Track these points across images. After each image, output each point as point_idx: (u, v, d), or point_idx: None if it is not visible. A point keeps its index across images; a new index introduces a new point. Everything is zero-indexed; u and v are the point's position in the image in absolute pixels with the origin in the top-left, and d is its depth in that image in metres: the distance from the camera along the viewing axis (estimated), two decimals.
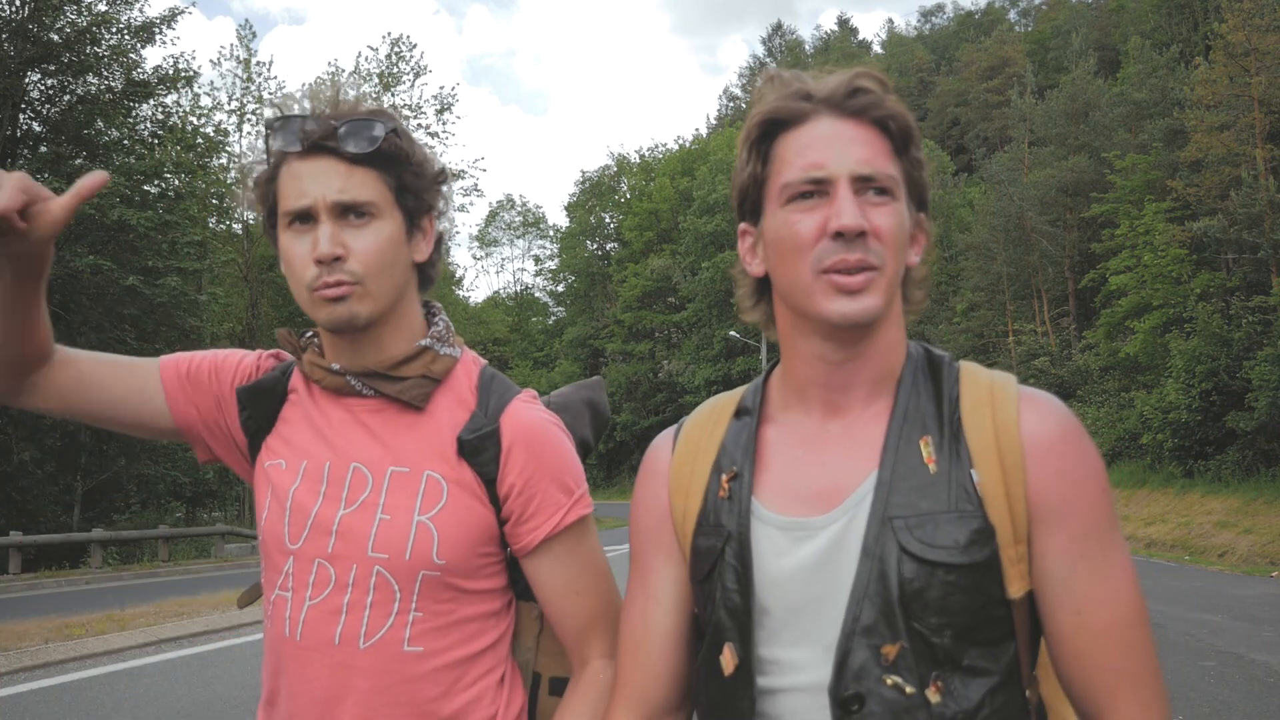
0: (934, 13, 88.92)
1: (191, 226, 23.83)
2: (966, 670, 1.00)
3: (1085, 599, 1.01)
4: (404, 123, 1.31)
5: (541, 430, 1.30)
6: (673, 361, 55.76)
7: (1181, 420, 25.34)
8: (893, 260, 1.05)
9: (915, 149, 1.10)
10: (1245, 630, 10.41)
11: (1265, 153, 26.68)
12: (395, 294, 1.29)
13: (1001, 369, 1.10)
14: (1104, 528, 1.02)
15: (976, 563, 1.00)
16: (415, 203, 1.30)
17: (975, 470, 1.02)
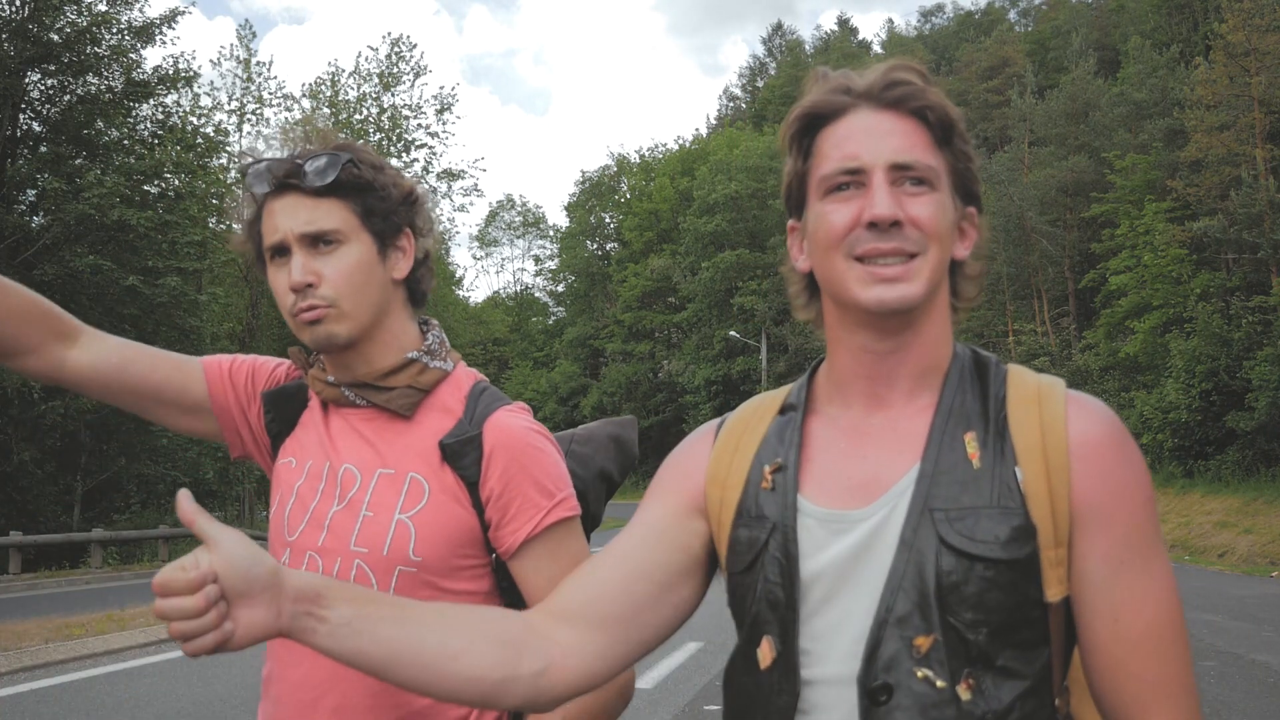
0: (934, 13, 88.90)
1: (191, 226, 23.83)
2: (999, 671, 0.99)
3: (1123, 606, 1.00)
4: (372, 151, 1.41)
5: (521, 436, 1.36)
6: (673, 361, 55.74)
7: (1181, 420, 25.36)
8: (935, 249, 1.05)
9: (960, 141, 1.09)
10: (1245, 630, 10.41)
11: (1265, 153, 26.69)
12: (373, 311, 1.38)
13: None
14: (1146, 534, 1.01)
15: (1016, 559, 0.99)
16: (384, 224, 1.39)
17: (1019, 468, 1.01)
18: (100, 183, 20.73)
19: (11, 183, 22.19)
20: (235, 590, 0.95)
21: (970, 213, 1.12)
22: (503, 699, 1.08)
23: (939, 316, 1.10)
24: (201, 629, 0.93)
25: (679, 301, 55.78)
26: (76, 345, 1.44)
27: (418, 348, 1.43)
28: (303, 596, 0.98)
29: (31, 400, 19.32)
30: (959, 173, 1.09)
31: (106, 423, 21.90)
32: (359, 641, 1.00)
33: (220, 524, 0.98)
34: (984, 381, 1.08)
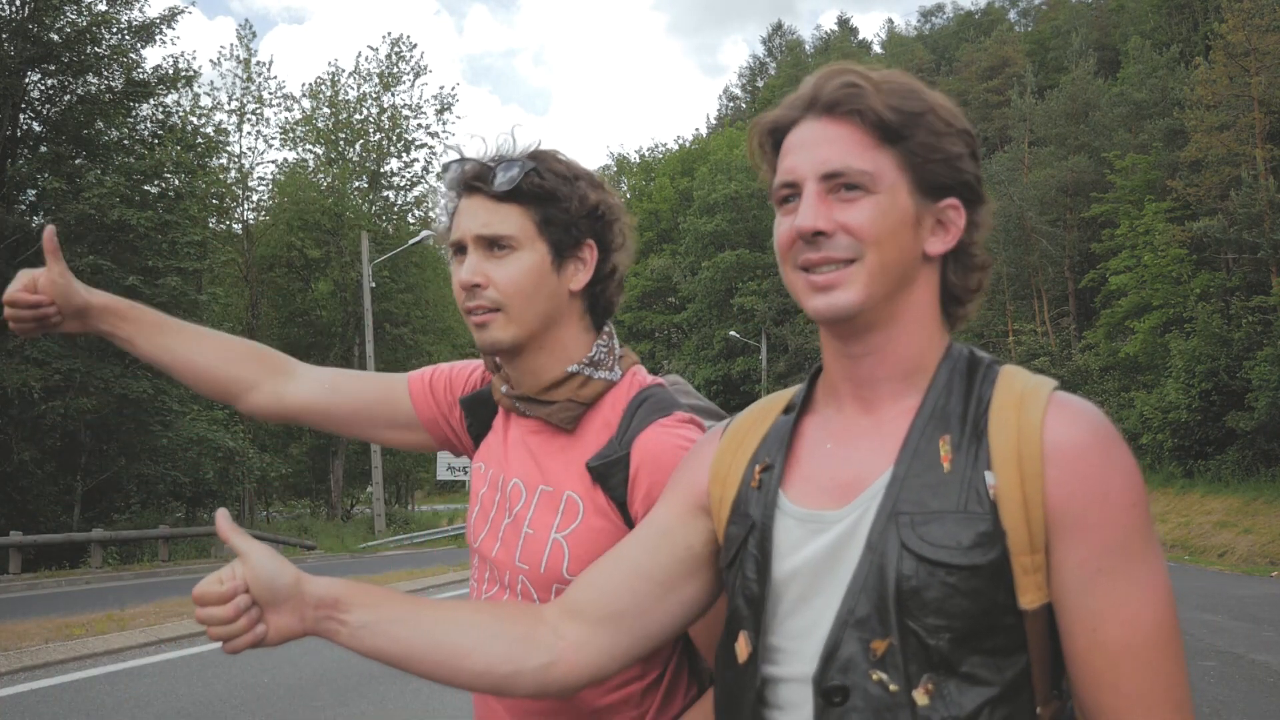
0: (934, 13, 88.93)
1: (191, 226, 23.84)
2: (964, 677, 0.97)
3: (1101, 615, 0.96)
4: (572, 163, 1.44)
5: (669, 455, 1.33)
6: (673, 361, 55.74)
7: (1181, 420, 25.37)
8: (874, 253, 1.04)
9: (925, 134, 1.05)
10: (1245, 630, 10.41)
11: (1265, 153, 26.69)
12: (541, 320, 1.39)
13: None
14: (1130, 542, 0.97)
15: (978, 566, 0.97)
16: (562, 235, 1.39)
17: (992, 473, 0.99)
18: (100, 183, 20.74)
19: (11, 183, 22.19)
20: (263, 599, 1.09)
21: (944, 206, 1.07)
22: (513, 690, 1.16)
23: (913, 317, 1.08)
24: (234, 633, 1.08)
25: (679, 301, 55.81)
26: (293, 379, 1.59)
27: (583, 359, 1.43)
28: (323, 603, 1.10)
29: (31, 400, 19.32)
30: (918, 167, 1.05)
31: (106, 423, 21.90)
32: (376, 642, 1.11)
33: (252, 539, 1.11)
34: (972, 383, 1.06)
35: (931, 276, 1.09)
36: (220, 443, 24.15)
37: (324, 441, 37.10)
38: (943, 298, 1.10)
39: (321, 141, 38.70)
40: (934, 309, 1.09)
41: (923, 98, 1.07)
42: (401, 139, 39.26)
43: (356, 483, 39.68)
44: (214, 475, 25.52)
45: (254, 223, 36.58)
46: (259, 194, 37.88)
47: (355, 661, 8.93)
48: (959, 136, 1.08)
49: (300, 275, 36.56)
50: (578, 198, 1.40)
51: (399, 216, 39.85)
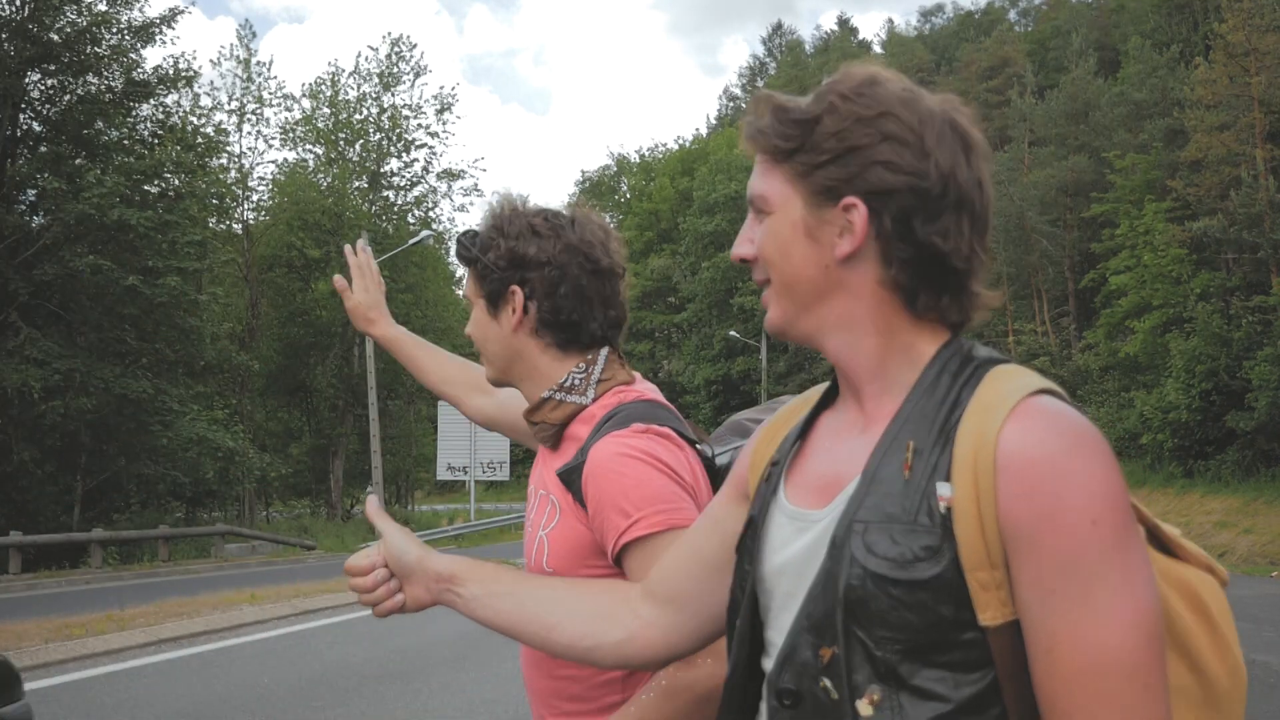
0: (934, 13, 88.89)
1: (191, 226, 23.83)
2: (916, 691, 0.94)
3: (1057, 638, 0.90)
4: (494, 227, 1.63)
5: (606, 462, 1.46)
6: (673, 361, 55.79)
7: (1181, 420, 25.37)
8: (775, 273, 1.07)
9: (813, 140, 1.03)
10: (1245, 630, 10.40)
11: (1265, 153, 26.69)
12: (503, 359, 1.64)
13: None
14: (1090, 561, 0.90)
15: (917, 580, 0.93)
16: (491, 288, 1.62)
17: (949, 483, 0.95)
18: (100, 183, 20.72)
19: (11, 183, 22.19)
20: (397, 573, 1.31)
21: (840, 209, 1.03)
22: (597, 661, 1.29)
23: (855, 323, 1.06)
24: (376, 600, 1.31)
25: (679, 301, 55.82)
26: (486, 394, 1.93)
27: (555, 385, 1.61)
28: (442, 578, 1.29)
29: (31, 400, 19.32)
30: (809, 175, 1.04)
31: (106, 423, 21.90)
32: (484, 613, 1.28)
33: (392, 522, 1.34)
34: (954, 385, 1.01)
35: (863, 280, 1.04)
36: (220, 443, 24.15)
37: (324, 442, 37.11)
38: (906, 296, 1.05)
39: (321, 141, 38.71)
40: (881, 311, 1.05)
41: (827, 98, 1.04)
42: (401, 139, 39.27)
43: (356, 483, 39.65)
44: (214, 475, 25.52)
45: (254, 223, 36.58)
46: (259, 194, 37.89)
47: (355, 662, 8.93)
48: (870, 125, 1.02)
49: (300, 275, 36.56)
50: (497, 254, 1.60)
51: (399, 216, 39.86)
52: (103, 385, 20.76)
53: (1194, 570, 1.02)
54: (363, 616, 11.63)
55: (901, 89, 1.05)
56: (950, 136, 1.03)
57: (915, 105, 1.03)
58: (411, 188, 40.41)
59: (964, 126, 1.05)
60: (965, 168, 1.03)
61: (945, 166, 1.01)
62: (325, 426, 37.49)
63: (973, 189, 1.03)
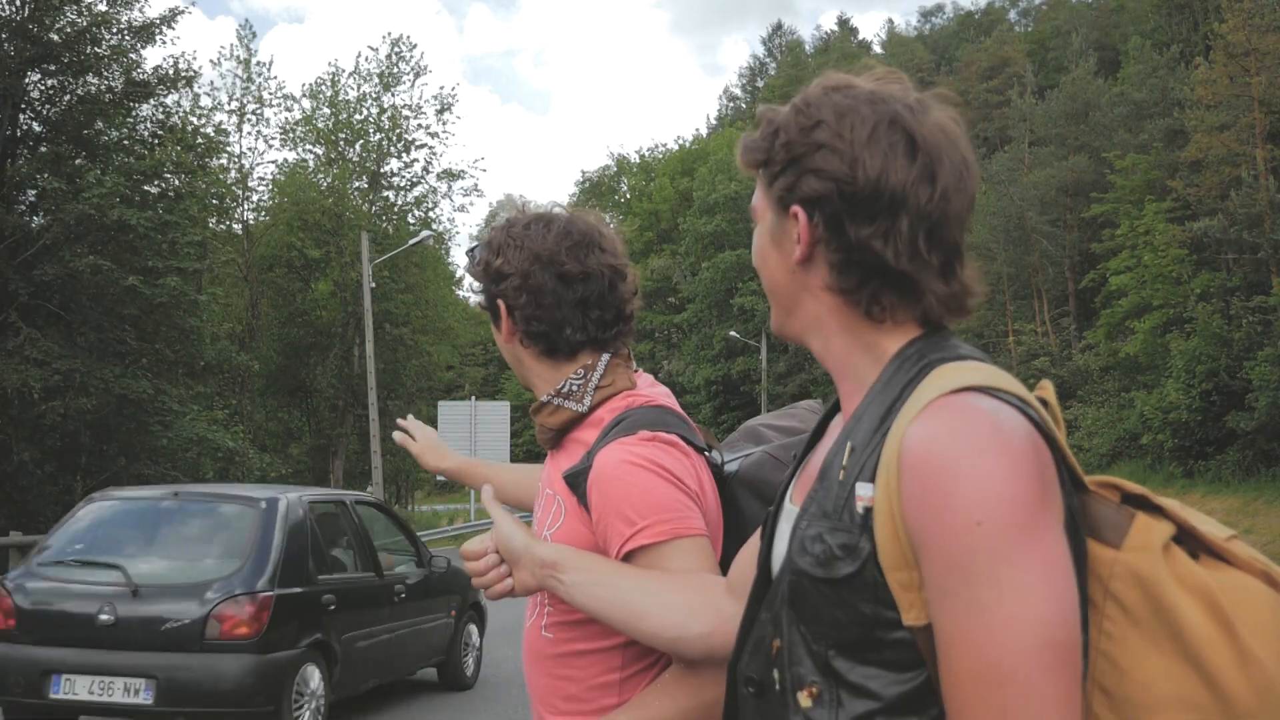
0: (934, 13, 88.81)
1: (191, 226, 23.80)
2: (853, 687, 0.96)
3: (949, 640, 0.89)
4: (507, 231, 1.67)
5: (611, 469, 1.48)
6: (673, 361, 55.76)
7: (1181, 420, 25.36)
8: (762, 279, 1.15)
9: (774, 150, 1.08)
10: None
11: (1265, 153, 26.68)
12: (515, 367, 1.72)
13: (1001, 368, 1.05)
14: (976, 564, 0.87)
15: (835, 579, 0.95)
16: (486, 303, 1.69)
17: (871, 483, 0.96)
18: (100, 183, 20.70)
19: (11, 183, 22.18)
20: (507, 558, 1.43)
21: (790, 218, 1.07)
22: (682, 652, 1.36)
23: (824, 326, 1.10)
24: (488, 583, 1.43)
25: (679, 301, 55.79)
26: None
27: (554, 391, 1.65)
28: (546, 564, 1.38)
29: (31, 400, 19.32)
30: (772, 186, 1.08)
31: (106, 423, 21.90)
32: (583, 599, 1.36)
33: (504, 511, 1.47)
34: (902, 384, 1.01)
35: (819, 284, 1.07)
36: (220, 443, 24.14)
37: (324, 442, 37.11)
38: (850, 298, 1.06)
39: (321, 141, 38.70)
40: (839, 313, 1.07)
41: (792, 105, 1.09)
42: (401, 139, 39.25)
43: (356, 483, 39.63)
44: (214, 475, 25.51)
45: (254, 223, 36.57)
46: (259, 194, 37.89)
47: None
48: (807, 135, 1.05)
49: (300, 275, 36.54)
50: (483, 269, 1.67)
51: (399, 216, 39.84)
52: (103, 385, 20.75)
53: (1236, 576, 0.95)
54: None
55: (844, 96, 1.06)
56: (887, 136, 1.03)
57: (851, 111, 1.05)
58: (411, 188, 40.41)
59: (909, 123, 1.04)
60: (903, 167, 1.02)
61: (874, 169, 1.02)
62: (325, 426, 37.48)
63: (914, 186, 1.02)
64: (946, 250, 1.04)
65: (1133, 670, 0.94)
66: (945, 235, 1.04)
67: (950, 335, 1.07)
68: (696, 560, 1.43)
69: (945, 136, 1.05)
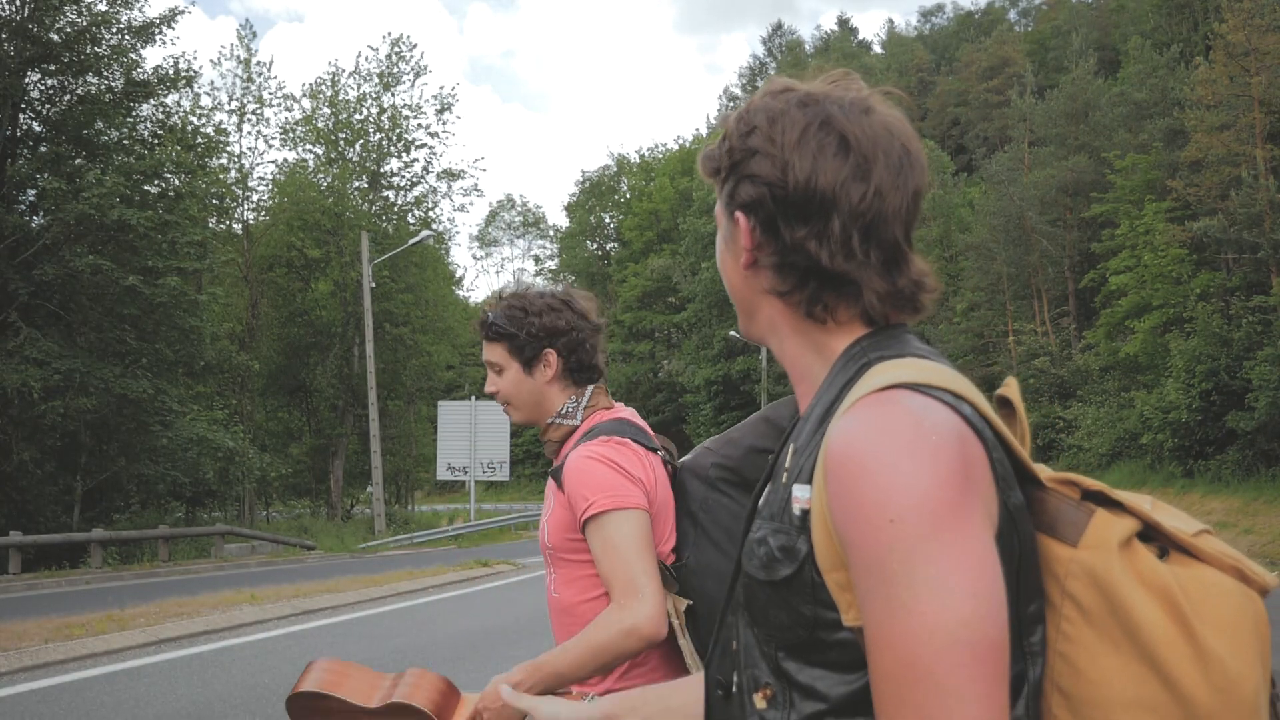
0: (934, 13, 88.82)
1: (191, 226, 23.80)
2: (802, 688, 0.95)
3: (872, 639, 0.88)
4: (518, 309, 2.14)
5: (576, 463, 2.02)
6: (673, 361, 55.78)
7: (1181, 420, 25.34)
8: (728, 285, 1.15)
9: (720, 170, 1.11)
10: None
11: (1265, 153, 26.67)
12: (531, 405, 2.17)
13: (1001, 369, 1.04)
14: (886, 562, 0.86)
15: (775, 580, 0.96)
16: (526, 354, 2.14)
17: (807, 485, 0.95)
18: (100, 183, 20.71)
19: (11, 183, 22.19)
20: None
21: (735, 223, 1.08)
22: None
23: (778, 327, 1.10)
24: None
25: (679, 301, 55.81)
26: None
27: (556, 414, 2.16)
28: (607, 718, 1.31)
29: (31, 400, 19.32)
30: (721, 193, 1.11)
31: (106, 423, 21.90)
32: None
33: (532, 698, 1.35)
34: (842, 385, 1.01)
35: (766, 287, 1.08)
36: (220, 443, 24.14)
37: (324, 441, 37.11)
38: (789, 300, 1.07)
39: (321, 141, 38.68)
40: (785, 314, 1.08)
41: (736, 112, 1.10)
42: (401, 139, 39.25)
43: (356, 483, 39.63)
44: (214, 475, 25.52)
45: (254, 223, 36.55)
46: (259, 194, 37.86)
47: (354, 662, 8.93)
48: (744, 141, 1.07)
49: (300, 275, 36.53)
50: (531, 329, 2.12)
51: (399, 216, 39.84)
52: (103, 385, 20.76)
53: (1202, 573, 0.94)
54: (362, 616, 11.62)
55: (778, 101, 1.07)
56: (816, 138, 1.02)
57: (781, 115, 1.05)
58: (411, 188, 40.41)
59: (841, 123, 1.03)
60: (833, 167, 1.01)
61: (803, 172, 1.02)
62: (325, 426, 37.47)
63: (845, 186, 1.01)
64: (886, 248, 1.03)
65: (1089, 670, 0.92)
66: (883, 233, 1.02)
67: (902, 332, 1.05)
68: (631, 527, 1.93)
69: (884, 133, 1.04)
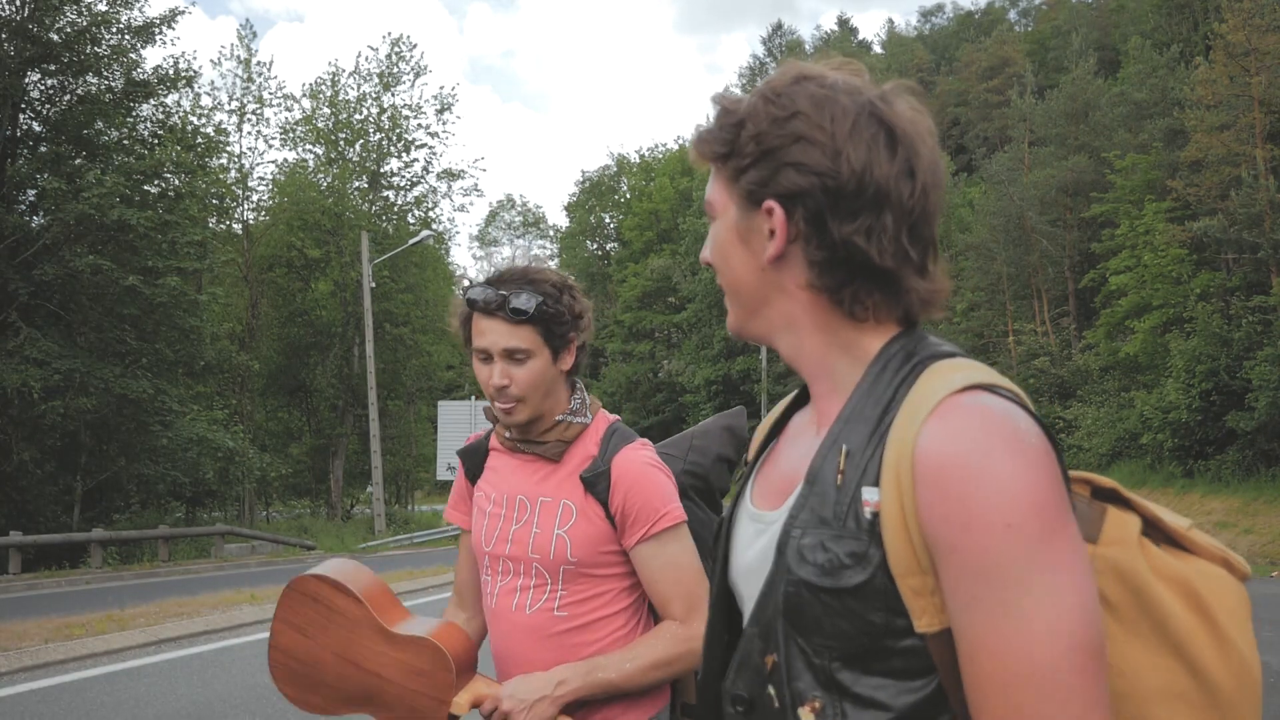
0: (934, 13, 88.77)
1: (191, 226, 23.81)
2: (858, 699, 0.92)
3: (977, 646, 0.86)
4: (555, 275, 1.92)
5: (639, 469, 1.88)
6: (673, 361, 55.73)
7: (1181, 420, 25.34)
8: (723, 278, 1.07)
9: (738, 144, 1.02)
10: None
11: (1265, 153, 26.66)
12: (545, 399, 1.92)
13: (1001, 369, 1.03)
14: (1006, 567, 0.85)
15: (844, 588, 0.91)
16: (560, 341, 1.91)
17: (877, 488, 0.92)
18: (100, 183, 20.71)
19: (11, 183, 22.18)
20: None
21: (764, 211, 1.01)
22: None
23: (798, 325, 1.04)
24: None
25: (679, 301, 55.77)
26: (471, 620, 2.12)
27: (565, 410, 1.95)
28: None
29: (31, 400, 19.31)
30: (737, 180, 1.03)
31: (106, 423, 21.89)
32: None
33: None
34: (892, 384, 0.98)
35: (794, 282, 1.03)
36: (220, 443, 24.13)
37: (324, 441, 37.10)
38: (832, 297, 1.02)
39: (321, 141, 38.68)
40: (816, 311, 1.03)
41: (752, 101, 1.02)
42: (401, 139, 39.25)
43: (356, 483, 39.64)
44: (214, 475, 25.50)
45: (254, 223, 36.55)
46: (259, 194, 37.87)
47: None
48: (783, 126, 0.99)
49: (300, 275, 36.53)
50: (569, 312, 1.90)
51: (399, 216, 39.85)
52: (103, 385, 20.75)
53: (1201, 565, 0.97)
54: None
55: (819, 86, 1.01)
56: (868, 129, 0.99)
57: (829, 101, 1.00)
58: (411, 188, 40.41)
59: (887, 115, 1.00)
60: (885, 160, 0.98)
61: (858, 163, 0.97)
62: (325, 426, 37.47)
63: (896, 181, 0.98)
64: (926, 246, 1.01)
65: (1120, 664, 0.94)
66: (924, 231, 1.01)
67: (925, 332, 1.04)
68: (690, 540, 1.89)
69: (918, 129, 1.02)
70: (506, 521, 1.94)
